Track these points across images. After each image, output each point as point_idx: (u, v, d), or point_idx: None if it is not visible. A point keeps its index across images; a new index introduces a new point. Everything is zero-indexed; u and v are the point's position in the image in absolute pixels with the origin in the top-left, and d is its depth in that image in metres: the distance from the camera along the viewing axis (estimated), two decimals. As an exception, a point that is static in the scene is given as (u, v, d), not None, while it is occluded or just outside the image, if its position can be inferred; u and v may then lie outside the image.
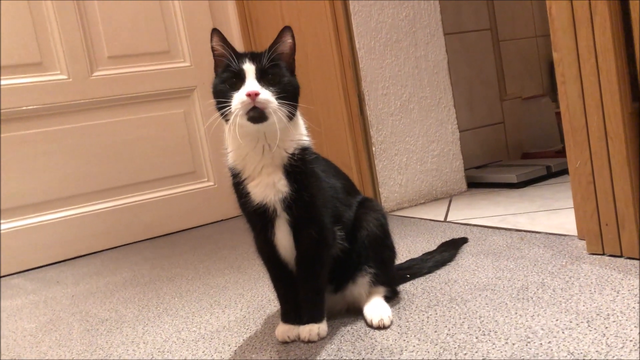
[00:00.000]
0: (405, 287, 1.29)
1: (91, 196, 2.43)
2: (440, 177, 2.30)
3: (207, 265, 1.86)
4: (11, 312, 1.68)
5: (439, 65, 2.29)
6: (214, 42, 1.05)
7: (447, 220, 1.92)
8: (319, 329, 1.08)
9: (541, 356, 0.86)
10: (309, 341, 1.07)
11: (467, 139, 2.61)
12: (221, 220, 2.67)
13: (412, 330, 1.05)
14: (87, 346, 1.28)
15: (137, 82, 2.51)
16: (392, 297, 1.21)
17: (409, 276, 1.34)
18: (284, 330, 1.10)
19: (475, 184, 2.41)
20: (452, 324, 1.04)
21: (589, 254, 1.30)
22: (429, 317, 1.10)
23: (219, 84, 1.03)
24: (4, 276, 2.21)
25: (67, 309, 1.61)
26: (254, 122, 0.99)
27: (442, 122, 2.30)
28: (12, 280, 2.13)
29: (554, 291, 1.12)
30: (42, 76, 2.33)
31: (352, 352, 1.00)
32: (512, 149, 2.82)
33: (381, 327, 1.08)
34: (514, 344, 0.92)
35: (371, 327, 1.09)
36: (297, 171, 1.04)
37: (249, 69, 1.00)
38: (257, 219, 1.06)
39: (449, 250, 1.47)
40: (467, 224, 1.80)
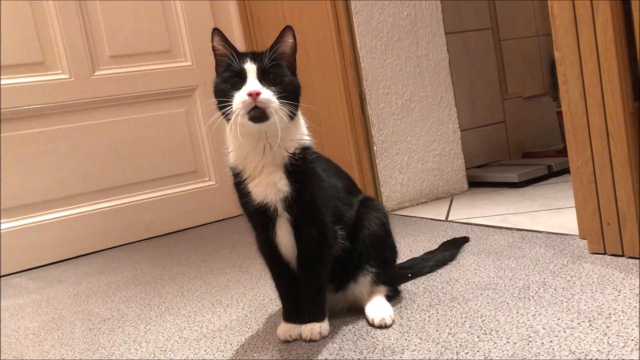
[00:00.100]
0: (406, 286, 1.29)
1: (93, 195, 2.43)
2: (441, 176, 2.30)
3: (209, 264, 1.87)
4: (13, 311, 1.68)
5: (440, 64, 2.29)
6: (215, 41, 1.05)
7: (449, 219, 1.92)
8: (320, 328, 1.08)
9: (543, 355, 0.86)
10: (310, 340, 1.07)
11: (469, 138, 2.61)
12: (223, 219, 2.67)
13: (413, 329, 1.05)
14: (89, 345, 1.28)
15: (138, 82, 2.51)
16: (393, 296, 1.21)
17: (410, 275, 1.34)
18: (286, 329, 1.10)
19: (476, 183, 2.41)
20: (454, 323, 1.04)
21: (591, 253, 1.30)
22: (430, 316, 1.10)
23: (220, 83, 1.03)
24: (6, 275, 2.21)
25: (69, 308, 1.61)
26: (255, 122, 0.99)
27: (444, 121, 2.30)
28: (14, 279, 2.14)
29: (556, 290, 1.12)
30: (44, 75, 2.33)
31: (354, 351, 1.00)
32: (514, 148, 2.82)
33: (383, 326, 1.08)
34: (515, 343, 0.92)
35: (373, 326, 1.10)
36: (297, 170, 1.04)
37: (250, 68, 1.00)
38: (258, 218, 1.06)
39: (451, 249, 1.47)
40: (469, 223, 1.80)
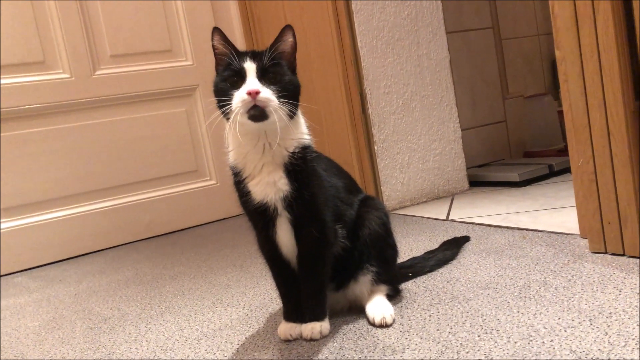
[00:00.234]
0: (407, 286, 1.29)
1: (94, 195, 2.43)
2: (442, 175, 2.30)
3: (210, 263, 1.87)
4: (14, 310, 1.68)
5: (441, 63, 2.29)
6: (215, 40, 1.05)
7: (449, 218, 1.91)
8: (321, 327, 1.08)
9: (543, 354, 0.86)
10: (311, 339, 1.07)
11: (469, 138, 2.61)
12: (223, 218, 2.67)
13: (414, 328, 1.05)
14: (90, 344, 1.28)
15: (139, 81, 2.51)
16: (394, 296, 1.21)
17: (411, 275, 1.34)
18: (286, 328, 1.10)
19: (477, 182, 2.41)
20: (454, 322, 1.04)
21: (591, 253, 1.30)
22: (431, 316, 1.10)
23: (220, 82, 1.03)
24: (7, 275, 2.21)
25: (69, 307, 1.61)
26: (255, 121, 0.99)
27: (444, 120, 2.30)
28: (15, 278, 2.14)
29: (556, 289, 1.12)
30: (45, 75, 2.33)
31: (354, 351, 1.00)
32: (514, 148, 2.82)
33: (383, 326, 1.08)
34: (516, 343, 0.92)
35: (373, 325, 1.10)
36: (297, 170, 1.04)
37: (250, 67, 1.00)
38: (258, 217, 1.07)
39: (451, 248, 1.47)
40: (469, 223, 1.80)
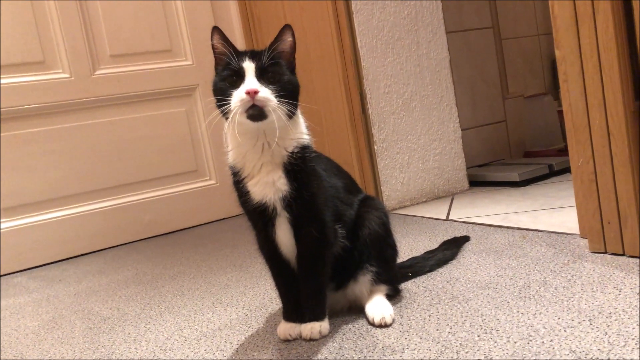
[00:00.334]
0: (407, 286, 1.29)
1: (93, 194, 2.43)
2: (442, 175, 2.30)
3: (209, 263, 1.87)
4: (14, 310, 1.68)
5: (441, 63, 2.29)
6: (214, 40, 1.05)
7: (449, 218, 1.91)
8: (320, 327, 1.08)
9: (543, 354, 0.86)
10: (310, 339, 1.07)
11: (469, 138, 2.60)
12: (223, 218, 2.67)
13: (413, 328, 1.05)
14: (90, 344, 1.28)
15: (139, 81, 2.51)
16: (393, 296, 1.21)
17: (410, 274, 1.34)
18: (286, 328, 1.10)
19: (477, 182, 2.41)
20: (454, 322, 1.04)
21: (591, 252, 1.30)
22: (430, 316, 1.10)
23: (219, 81, 1.03)
24: (7, 274, 2.21)
25: (69, 307, 1.61)
26: (253, 120, 0.99)
27: (444, 120, 2.30)
28: (15, 278, 2.14)
29: (556, 289, 1.11)
30: (44, 75, 2.33)
31: (354, 351, 1.00)
32: (514, 148, 2.82)
33: (383, 326, 1.08)
34: (515, 343, 0.92)
35: (373, 325, 1.09)
36: (297, 169, 1.04)
37: (249, 67, 1.00)
38: (258, 217, 1.06)
39: (451, 248, 1.47)
40: (469, 223, 1.79)
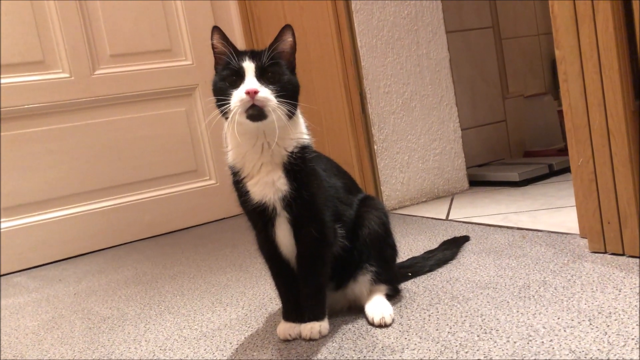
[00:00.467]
0: (406, 285, 1.29)
1: (93, 194, 2.43)
2: (442, 175, 2.29)
3: (209, 263, 1.87)
4: (13, 310, 1.68)
5: (441, 63, 2.29)
6: (214, 39, 1.05)
7: (449, 218, 1.91)
8: (320, 327, 1.08)
9: (542, 354, 0.86)
10: (310, 339, 1.07)
11: (469, 137, 2.60)
12: (223, 218, 2.67)
13: (413, 328, 1.05)
14: (89, 344, 1.28)
15: (138, 81, 2.51)
16: (393, 295, 1.21)
17: (410, 274, 1.34)
18: (286, 328, 1.10)
19: (477, 182, 2.41)
20: (454, 322, 1.04)
21: (591, 252, 1.30)
22: (430, 316, 1.09)
23: (219, 81, 1.03)
24: (6, 274, 2.21)
25: (69, 307, 1.61)
26: (253, 120, 0.99)
27: (444, 120, 2.30)
28: (15, 278, 2.14)
29: (556, 289, 1.11)
30: (44, 74, 2.33)
31: (354, 350, 1.00)
32: (514, 147, 2.82)
33: (382, 325, 1.08)
34: (515, 342, 0.92)
35: (372, 325, 1.09)
36: (296, 169, 1.04)
37: (249, 66, 1.00)
38: (257, 217, 1.06)
39: (451, 248, 1.47)
40: (469, 222, 1.79)
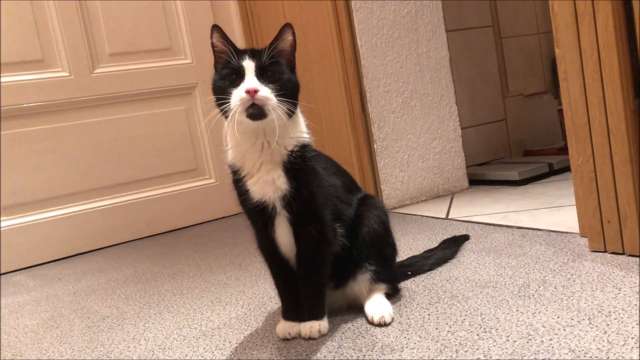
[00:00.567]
0: (406, 284, 1.29)
1: (93, 193, 2.43)
2: (442, 174, 2.29)
3: (209, 262, 1.87)
4: (13, 309, 1.68)
5: (441, 62, 2.29)
6: (214, 38, 1.05)
7: (449, 217, 1.91)
8: (319, 326, 1.08)
9: (542, 353, 0.86)
10: (309, 338, 1.07)
11: (469, 136, 2.60)
12: (222, 217, 2.67)
13: (413, 327, 1.05)
14: (89, 343, 1.28)
15: (138, 79, 2.51)
16: (393, 294, 1.21)
17: (410, 273, 1.34)
18: (285, 327, 1.10)
19: (477, 181, 2.40)
20: (453, 321, 1.04)
21: (591, 251, 1.30)
22: (430, 315, 1.09)
23: (219, 80, 1.03)
24: (6, 273, 2.21)
25: (68, 306, 1.61)
26: (253, 119, 0.99)
27: (444, 119, 2.30)
28: (14, 277, 2.14)
29: (556, 288, 1.11)
30: (44, 73, 2.33)
31: (353, 349, 1.00)
32: (514, 146, 2.82)
33: (382, 324, 1.08)
34: (515, 342, 0.92)
35: (372, 324, 1.09)
36: (296, 168, 1.03)
37: (249, 65, 0.99)
38: (257, 216, 1.06)
39: (451, 247, 1.47)
40: (469, 221, 1.79)
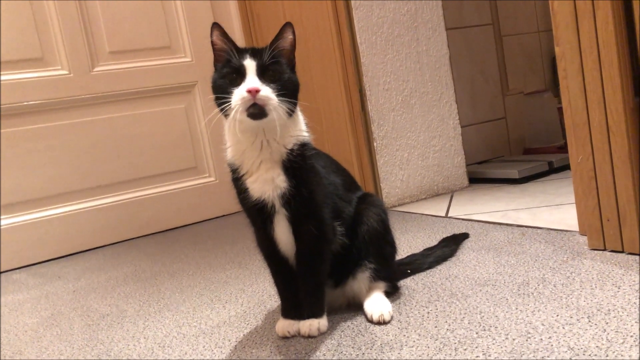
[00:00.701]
0: (405, 283, 1.29)
1: (92, 191, 2.43)
2: (441, 172, 2.29)
3: (208, 260, 1.87)
4: (12, 307, 1.68)
5: (441, 60, 2.29)
6: (214, 36, 1.04)
7: (449, 215, 1.91)
8: (319, 324, 1.08)
9: (541, 351, 0.86)
10: (309, 336, 1.07)
11: (469, 135, 2.60)
12: (222, 215, 2.67)
13: (412, 325, 1.05)
14: (88, 341, 1.28)
15: (138, 78, 2.51)
16: (392, 293, 1.21)
17: (409, 271, 1.34)
18: (284, 325, 1.10)
19: (476, 179, 2.40)
20: (453, 319, 1.04)
21: (590, 250, 1.30)
22: (429, 313, 1.10)
23: (219, 79, 1.02)
24: (6, 271, 2.21)
25: (68, 304, 1.61)
26: (254, 119, 0.98)
27: (444, 117, 2.30)
28: (14, 275, 2.14)
29: (555, 287, 1.11)
30: (43, 71, 2.33)
31: (352, 347, 1.00)
32: (514, 145, 2.82)
33: (381, 322, 1.08)
34: (514, 340, 0.92)
35: (371, 322, 1.09)
36: (296, 167, 1.03)
37: (250, 64, 0.99)
38: (256, 214, 1.06)
39: (450, 245, 1.47)
40: (469, 220, 1.79)
